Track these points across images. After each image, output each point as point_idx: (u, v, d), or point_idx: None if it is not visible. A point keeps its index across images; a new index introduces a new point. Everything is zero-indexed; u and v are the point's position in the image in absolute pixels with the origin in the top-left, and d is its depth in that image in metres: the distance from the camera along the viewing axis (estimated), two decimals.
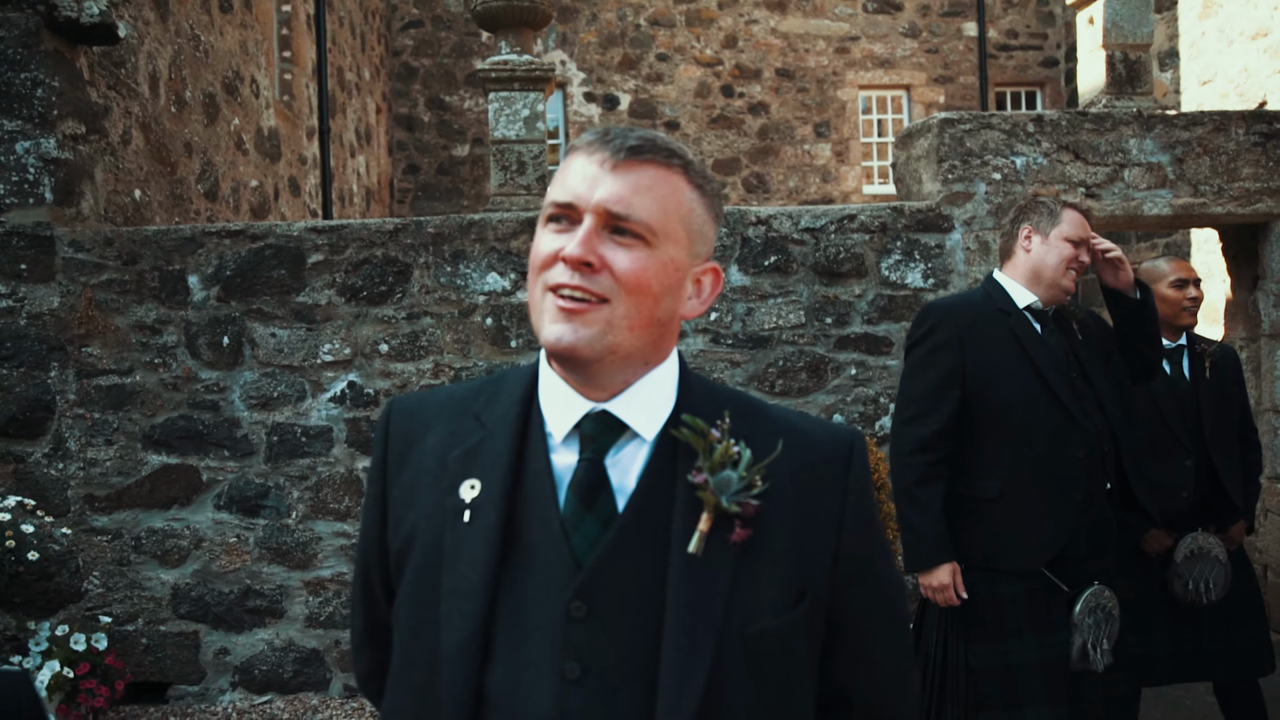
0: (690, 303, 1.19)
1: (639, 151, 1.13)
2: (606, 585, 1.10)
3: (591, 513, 1.13)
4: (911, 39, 14.21)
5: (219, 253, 4.77)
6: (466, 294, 4.85)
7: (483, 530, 1.13)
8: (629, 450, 1.16)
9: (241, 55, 7.35)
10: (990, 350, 2.87)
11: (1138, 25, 5.54)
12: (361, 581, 1.30)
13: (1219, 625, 3.52)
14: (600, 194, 1.11)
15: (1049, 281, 2.95)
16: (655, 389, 1.18)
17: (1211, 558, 3.47)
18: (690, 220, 1.17)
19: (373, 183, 11.75)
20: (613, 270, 1.10)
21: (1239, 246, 5.73)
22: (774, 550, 1.13)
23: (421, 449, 1.22)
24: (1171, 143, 5.30)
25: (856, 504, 1.19)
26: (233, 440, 4.75)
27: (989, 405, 2.84)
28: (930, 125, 5.26)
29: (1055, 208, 2.99)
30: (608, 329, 1.11)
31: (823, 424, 1.24)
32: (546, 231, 1.15)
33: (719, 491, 1.10)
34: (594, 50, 13.67)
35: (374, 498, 1.25)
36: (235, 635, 4.72)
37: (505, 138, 5.31)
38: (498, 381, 1.26)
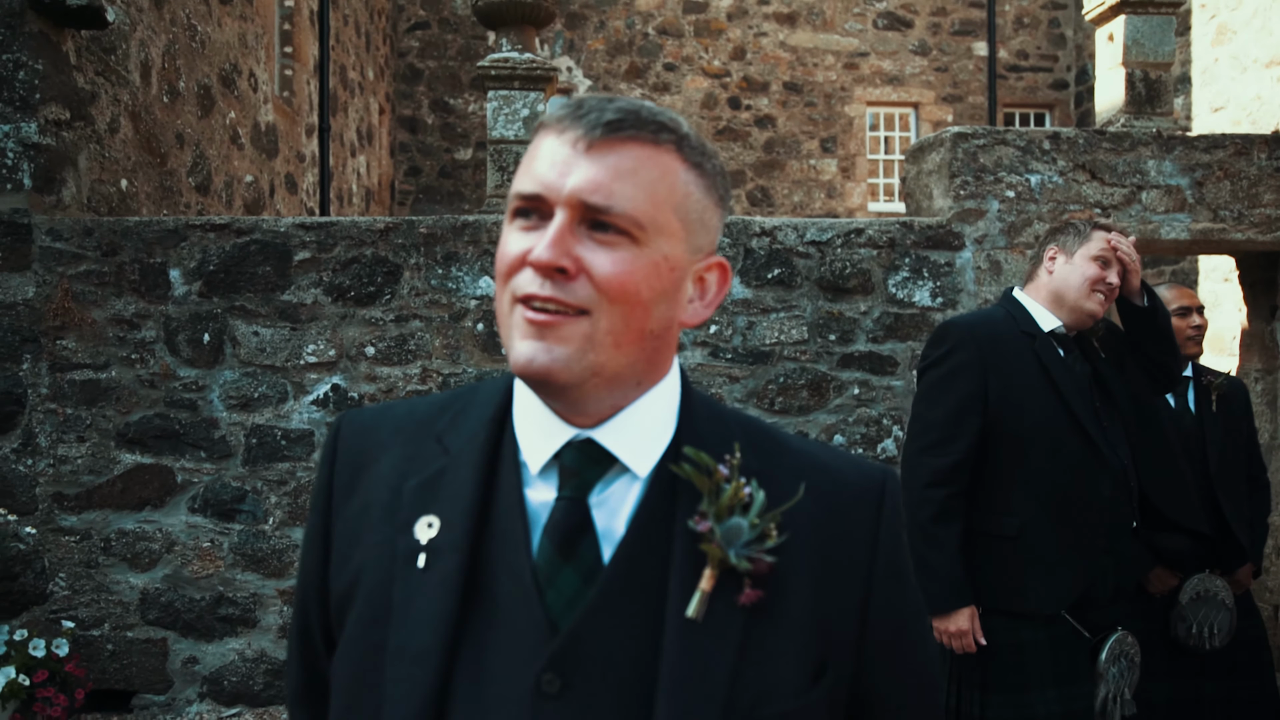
0: (692, 306, 0.98)
1: (619, 126, 0.92)
2: (586, 654, 0.90)
3: (571, 563, 0.93)
4: (921, 57, 14.10)
5: (202, 246, 4.60)
6: (458, 297, 4.68)
7: (440, 579, 0.92)
8: (618, 488, 0.95)
9: (240, 48, 7.20)
10: (1013, 375, 2.67)
11: (1159, 43, 5.39)
12: (299, 626, 1.08)
13: (1222, 672, 3.35)
14: (574, 182, 0.90)
15: (1071, 304, 2.76)
16: (651, 414, 0.97)
17: (1218, 601, 3.29)
18: (687, 207, 0.95)
19: (373, 183, 11.60)
20: (591, 275, 0.90)
21: (1256, 275, 5.57)
22: (791, 615, 0.92)
23: (373, 475, 1.02)
24: (1191, 165, 5.14)
25: (889, 555, 0.99)
26: (210, 441, 4.57)
27: (1011, 435, 2.64)
28: (943, 139, 5.10)
29: (1085, 229, 2.82)
30: (588, 346, 0.91)
31: (848, 459, 1.04)
32: (513, 229, 0.94)
33: (727, 543, 0.90)
34: (601, 58, 13.55)
35: (316, 530, 1.04)
36: (205, 644, 4.54)
37: (503, 138, 5.15)
38: (466, 397, 1.05)
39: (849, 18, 14.00)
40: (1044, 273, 2.82)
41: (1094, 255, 2.76)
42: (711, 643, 0.89)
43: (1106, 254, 2.76)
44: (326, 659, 1.04)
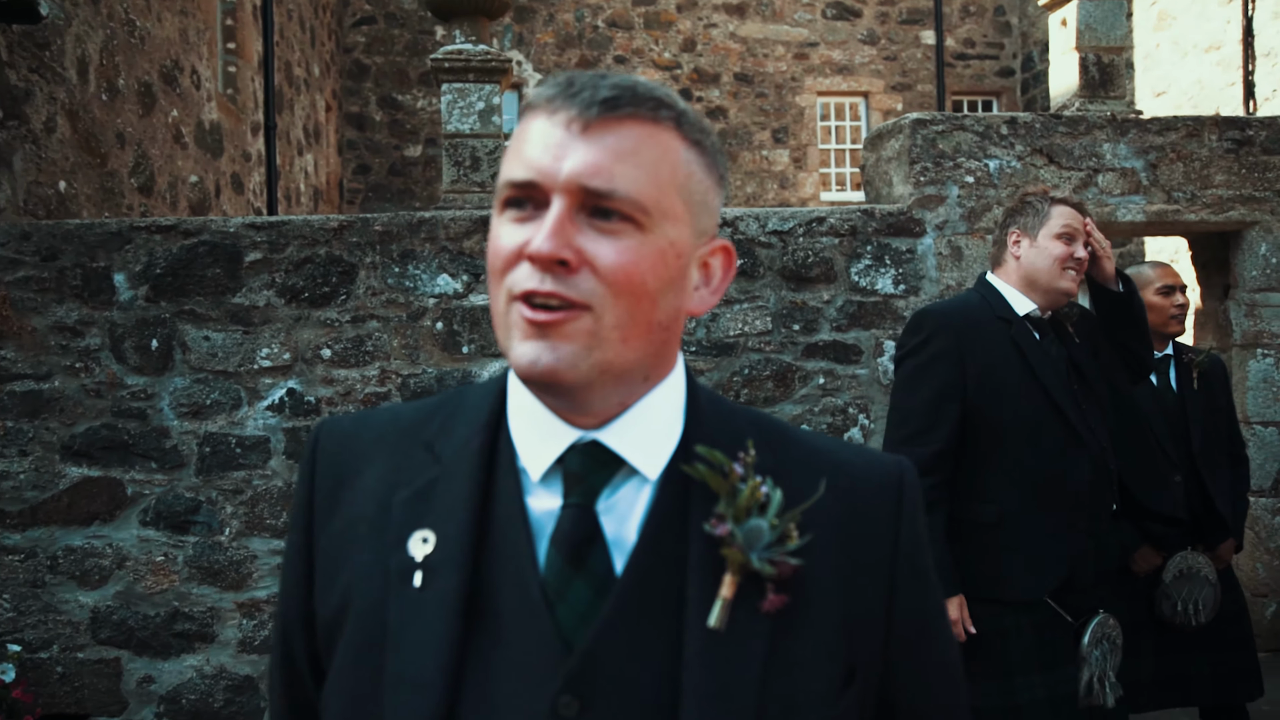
0: (699, 294, 0.92)
1: (616, 104, 0.85)
2: (604, 673, 0.83)
3: (581, 575, 0.86)
4: (870, 46, 14.16)
5: (148, 249, 4.44)
6: (416, 296, 4.56)
7: (439, 599, 0.86)
8: (626, 492, 0.89)
9: (181, 44, 7.00)
10: (991, 361, 2.64)
11: (1111, 27, 5.41)
12: (281, 653, 1.00)
13: (1206, 648, 3.37)
14: (571, 165, 0.83)
15: (1045, 287, 2.73)
16: (658, 412, 0.91)
17: (1201, 578, 3.31)
18: (690, 188, 0.89)
19: (321, 182, 11.38)
20: (595, 267, 0.83)
21: (1209, 255, 5.63)
22: (816, 620, 0.87)
23: (358, 489, 0.94)
24: (1145, 148, 5.17)
25: (910, 552, 0.94)
26: (161, 451, 4.41)
27: (990, 421, 2.61)
28: (902, 126, 5.08)
29: (1043, 206, 2.77)
30: (594, 343, 0.84)
31: (863, 452, 0.98)
32: (504, 222, 0.87)
33: (748, 546, 0.84)
34: (551, 51, 13.43)
35: (297, 549, 0.97)
36: (161, 662, 4.39)
37: (459, 131, 5.04)
38: (455, 401, 0.98)
39: (798, 8, 14.01)
40: (1010, 257, 2.79)
41: (1057, 233, 2.72)
42: (736, 654, 0.84)
43: (1070, 229, 2.73)
44: (313, 686, 0.97)
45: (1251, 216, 5.28)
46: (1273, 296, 5.34)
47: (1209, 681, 3.37)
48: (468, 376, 4.58)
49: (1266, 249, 5.31)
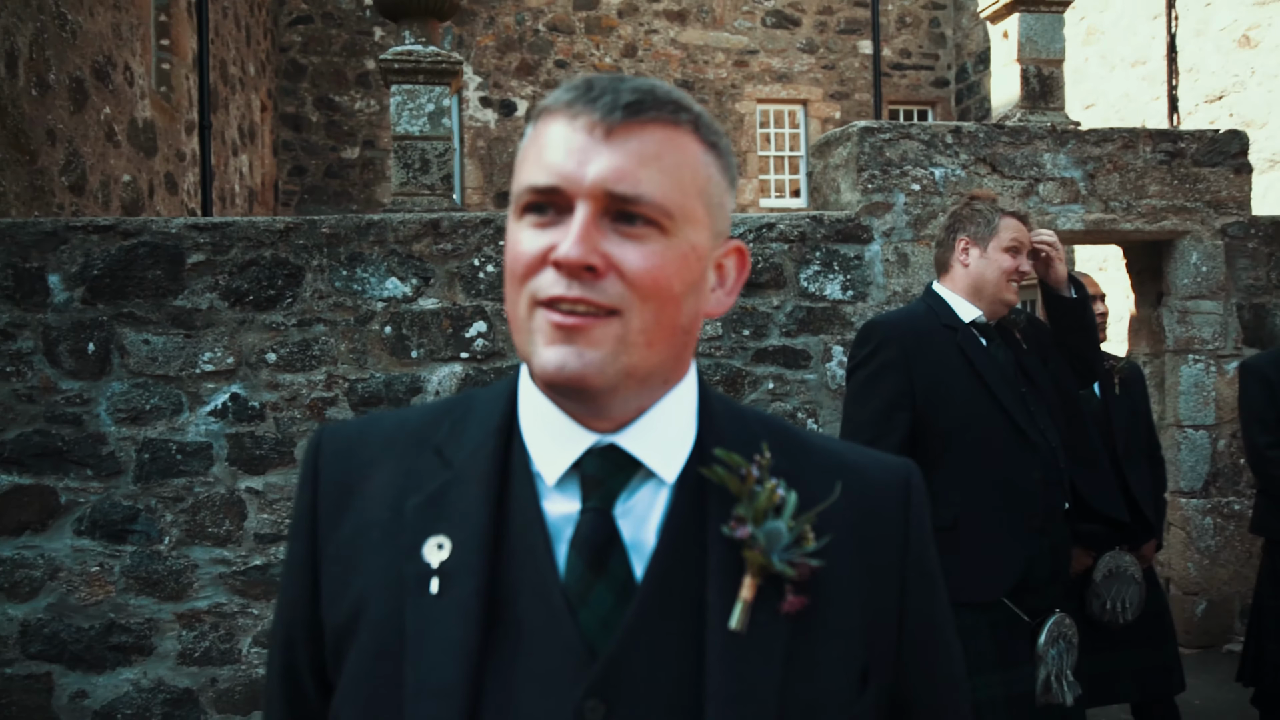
0: (715, 295, 0.92)
1: (639, 108, 0.84)
2: (629, 677, 0.83)
3: (602, 580, 0.86)
4: (809, 55, 14.32)
5: (85, 250, 4.30)
6: (364, 300, 4.49)
7: (458, 605, 0.84)
8: (643, 495, 0.89)
9: (114, 39, 6.80)
10: (937, 369, 2.69)
11: (1051, 40, 5.54)
12: (282, 666, 0.97)
13: (1133, 645, 3.47)
14: (596, 170, 0.83)
15: (990, 296, 2.79)
16: (673, 415, 0.90)
17: (1128, 576, 3.41)
18: (709, 191, 0.89)
19: (256, 183, 11.16)
20: (622, 271, 0.83)
21: (1143, 263, 5.79)
22: (834, 621, 0.88)
23: (366, 495, 0.93)
24: (1084, 158, 5.30)
25: (919, 554, 0.95)
26: (97, 458, 4.28)
27: (939, 427, 2.66)
28: (850, 134, 5.14)
29: (992, 216, 2.82)
30: (621, 348, 0.84)
31: (871, 455, 0.99)
32: (524, 227, 0.86)
33: (769, 548, 0.84)
34: (491, 54, 13.35)
35: (300, 559, 0.94)
36: (95, 676, 4.24)
37: (408, 133, 4.97)
38: (462, 405, 0.97)
39: (738, 15, 14.12)
40: (958, 265, 2.84)
41: (1005, 246, 2.79)
42: (757, 655, 0.84)
43: (1018, 242, 2.79)
44: (317, 700, 0.95)
45: (1183, 226, 5.44)
46: (1203, 304, 5.51)
47: (1135, 677, 3.48)
48: (416, 382, 4.52)
49: (1197, 258, 5.48)
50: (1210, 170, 5.48)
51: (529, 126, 0.91)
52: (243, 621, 4.32)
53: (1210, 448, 5.51)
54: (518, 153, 0.91)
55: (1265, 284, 5.58)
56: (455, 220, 4.59)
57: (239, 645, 4.32)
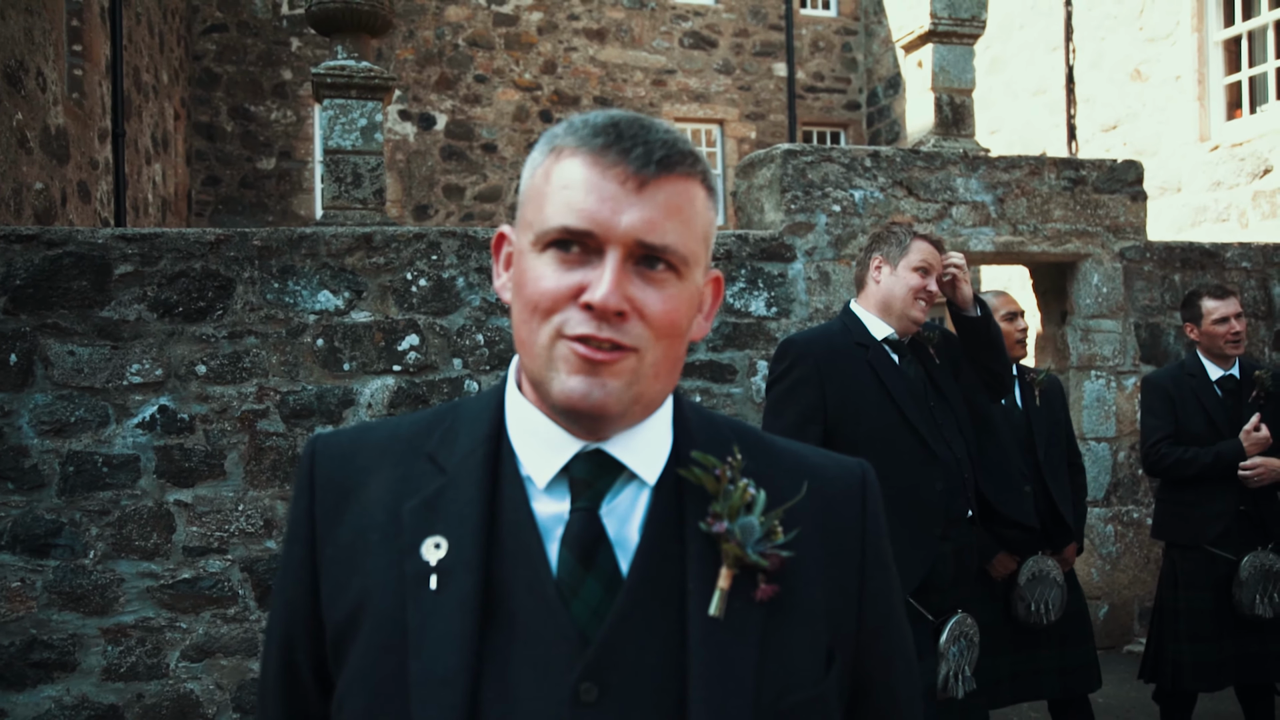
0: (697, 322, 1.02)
1: (669, 165, 0.93)
2: (620, 660, 0.91)
3: (592, 573, 0.93)
4: (725, 75, 14.60)
5: (7, 259, 4.22)
6: (295, 312, 4.49)
7: (457, 600, 0.91)
8: (625, 496, 0.97)
9: (26, 44, 6.64)
10: (848, 384, 2.85)
11: (962, 71, 5.82)
12: (280, 664, 1.03)
13: (1055, 644, 3.65)
14: (629, 221, 0.91)
15: (899, 313, 2.96)
16: (653, 424, 1.00)
17: (1050, 579, 3.60)
18: (709, 234, 0.99)
19: (169, 193, 10.92)
20: (644, 314, 0.91)
21: (1048, 284, 6.09)
22: (801, 606, 0.97)
23: (363, 499, 0.99)
24: (994, 183, 5.57)
25: (875, 544, 1.05)
26: (19, 471, 4.18)
27: (849, 440, 2.81)
28: (774, 156, 5.32)
29: (905, 238, 3.00)
30: (635, 380, 0.93)
31: (827, 455, 1.10)
32: (546, 262, 0.93)
33: (744, 541, 0.94)
34: (411, 68, 13.30)
35: (299, 560, 1.00)
36: (15, 694, 4.14)
37: (340, 148, 4.98)
38: (451, 415, 1.04)
39: (657, 35, 14.34)
40: (871, 282, 3.02)
41: (915, 266, 2.97)
42: (734, 639, 0.92)
43: (927, 264, 2.97)
44: (317, 696, 1.00)
45: (1085, 249, 5.76)
46: (1104, 323, 5.83)
47: (1057, 675, 3.66)
48: (348, 394, 4.53)
49: (1098, 279, 5.80)
50: (1109, 197, 5.81)
51: (541, 157, 0.97)
52: (171, 635, 4.26)
53: (1111, 459, 5.82)
54: (528, 179, 0.97)
55: (1160, 304, 5.93)
56: (388, 234, 4.62)
57: (166, 659, 4.26)
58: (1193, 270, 5.98)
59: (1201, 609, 3.82)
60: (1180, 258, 5.99)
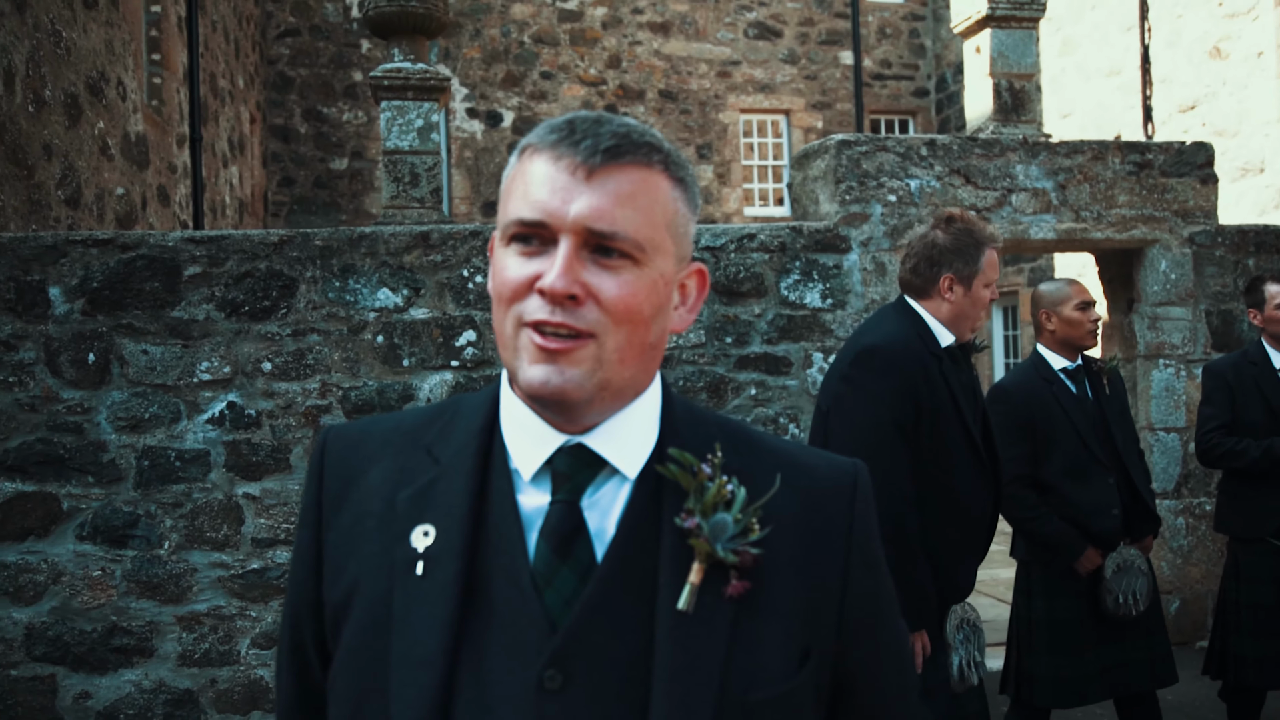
0: (678, 313, 1.04)
1: (617, 153, 0.95)
2: (585, 650, 0.93)
3: (567, 564, 0.96)
4: (791, 65, 14.50)
5: (85, 263, 4.42)
6: (356, 310, 4.61)
7: (439, 586, 0.95)
8: (608, 490, 0.99)
9: (107, 55, 6.91)
10: (935, 395, 2.79)
11: (1022, 55, 5.72)
12: (290, 642, 1.09)
13: (1140, 636, 3.57)
14: (577, 209, 0.94)
15: (969, 327, 2.92)
16: (638, 418, 1.02)
17: (1136, 569, 3.52)
18: (675, 224, 1.01)
19: (246, 194, 11.26)
20: (599, 299, 0.94)
21: (1114, 271, 5.96)
22: (775, 604, 0.98)
23: (363, 487, 1.04)
24: (1055, 169, 5.47)
25: (863, 545, 1.04)
26: (98, 465, 4.39)
27: (926, 451, 2.77)
28: (828, 146, 5.30)
29: (977, 254, 2.88)
30: (597, 366, 0.95)
31: (820, 454, 1.10)
32: (510, 254, 0.97)
33: (713, 538, 0.95)
34: (477, 66, 13.48)
35: (306, 544, 1.06)
36: (98, 677, 4.35)
37: (398, 148, 5.10)
38: (452, 409, 1.08)
39: (721, 27, 14.29)
40: (943, 301, 2.90)
41: (988, 282, 2.90)
42: (702, 633, 0.94)
43: (995, 273, 2.92)
44: (320, 671, 1.06)
45: (1152, 235, 5.61)
46: (1173, 310, 5.68)
47: (1147, 666, 3.56)
48: (408, 389, 4.65)
49: (1166, 266, 5.65)
50: (1178, 180, 5.66)
51: (514, 159, 1.02)
52: (241, 624, 4.43)
53: (1181, 450, 5.68)
54: (503, 182, 1.03)
55: (1232, 290, 5.76)
56: (445, 232, 4.73)
57: (238, 647, 4.43)
58: (1268, 254, 5.80)
59: (1263, 603, 3.72)
60: (1254, 242, 5.80)
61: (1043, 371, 3.66)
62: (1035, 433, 3.54)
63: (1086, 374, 3.75)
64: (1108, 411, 3.65)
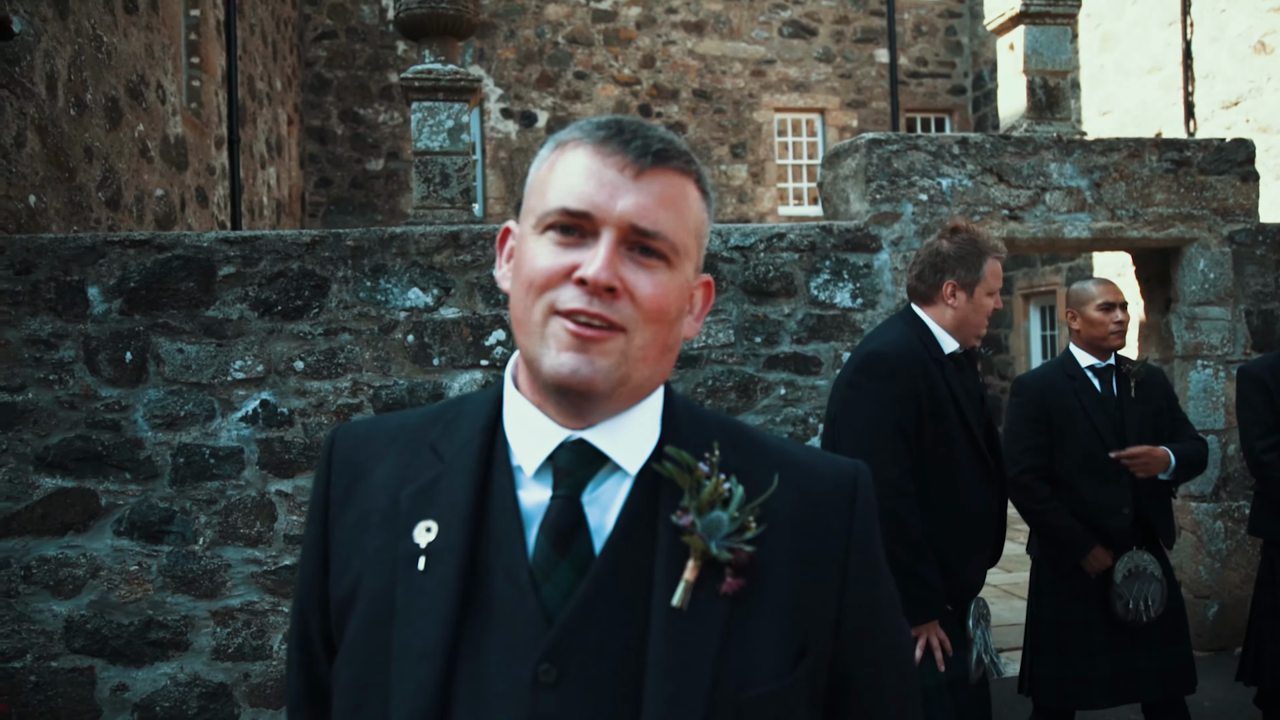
0: (688, 320, 1.06)
1: (665, 158, 0.99)
2: (580, 644, 0.94)
3: (566, 559, 0.97)
4: (825, 64, 14.42)
5: (122, 263, 4.50)
6: (387, 310, 4.66)
7: (440, 581, 0.97)
8: (609, 485, 1.00)
9: (147, 59, 7.03)
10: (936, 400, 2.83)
11: (1056, 52, 5.65)
12: (299, 635, 1.12)
13: (1153, 644, 3.52)
14: (624, 205, 0.96)
15: (972, 333, 2.96)
16: (639, 415, 1.02)
17: (1148, 574, 3.47)
18: (702, 232, 1.04)
19: (283, 195, 11.40)
20: (634, 296, 0.96)
21: (1151, 270, 5.87)
22: (770, 602, 0.98)
23: (369, 484, 1.06)
24: (1090, 167, 5.40)
25: (862, 545, 1.04)
26: (135, 462, 4.46)
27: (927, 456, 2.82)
28: (858, 145, 5.27)
29: (979, 262, 2.93)
30: (623, 360, 0.97)
31: (822, 455, 1.10)
32: (545, 243, 0.98)
33: (708, 536, 0.95)
34: (512, 67, 13.54)
35: (314, 539, 1.08)
36: (135, 670, 4.43)
37: (428, 149, 5.14)
38: (457, 407, 1.10)
39: (755, 26, 14.25)
40: (945, 306, 2.96)
41: (991, 290, 2.94)
42: (696, 630, 0.94)
43: (998, 282, 2.94)
44: (327, 664, 1.08)
45: (1190, 234, 5.53)
46: (1211, 310, 5.59)
47: (1157, 676, 3.51)
48: (438, 388, 4.68)
49: (1204, 265, 5.56)
50: (1217, 178, 5.56)
51: (548, 152, 1.03)
52: (274, 619, 4.49)
53: (1220, 452, 5.59)
54: (533, 173, 1.04)
55: (1273, 290, 5.65)
56: (474, 232, 4.76)
57: (270, 641, 4.49)
58: None
59: None
60: None
61: (1068, 368, 3.65)
62: (1051, 426, 3.53)
63: (1116, 374, 3.71)
64: (1127, 413, 3.61)
